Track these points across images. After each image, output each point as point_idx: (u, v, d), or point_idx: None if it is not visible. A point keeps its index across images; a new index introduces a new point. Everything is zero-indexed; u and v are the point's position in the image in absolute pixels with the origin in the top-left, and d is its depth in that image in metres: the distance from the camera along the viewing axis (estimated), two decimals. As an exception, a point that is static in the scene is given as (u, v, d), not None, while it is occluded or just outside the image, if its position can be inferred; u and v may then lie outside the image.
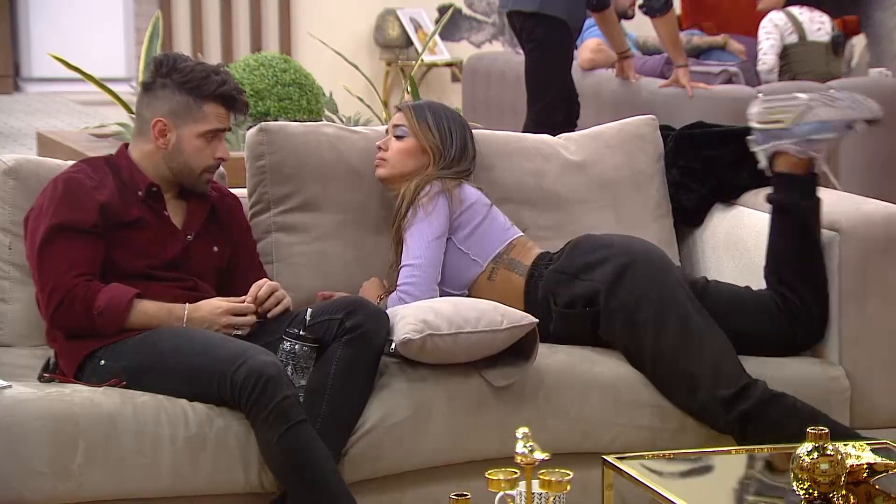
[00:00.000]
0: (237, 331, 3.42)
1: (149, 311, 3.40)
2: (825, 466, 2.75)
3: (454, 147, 3.86)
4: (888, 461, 2.88)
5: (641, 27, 7.78)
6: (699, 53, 7.70)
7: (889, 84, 7.44)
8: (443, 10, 10.42)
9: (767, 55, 7.36)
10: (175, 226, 3.56)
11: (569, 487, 2.77)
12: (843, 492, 2.79)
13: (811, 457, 2.75)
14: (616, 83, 7.12)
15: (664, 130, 4.26)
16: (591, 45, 7.43)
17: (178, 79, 3.51)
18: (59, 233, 3.40)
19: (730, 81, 7.17)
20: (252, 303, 3.46)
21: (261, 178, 3.88)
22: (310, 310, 3.40)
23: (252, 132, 3.91)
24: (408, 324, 3.38)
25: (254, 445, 3.23)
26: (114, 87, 5.87)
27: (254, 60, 5.76)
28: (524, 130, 6.08)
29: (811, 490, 2.76)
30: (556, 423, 3.51)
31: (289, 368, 3.31)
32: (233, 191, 3.78)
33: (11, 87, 12.89)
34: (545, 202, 4.06)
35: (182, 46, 9.96)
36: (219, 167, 3.62)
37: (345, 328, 3.34)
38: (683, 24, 8.38)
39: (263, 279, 3.54)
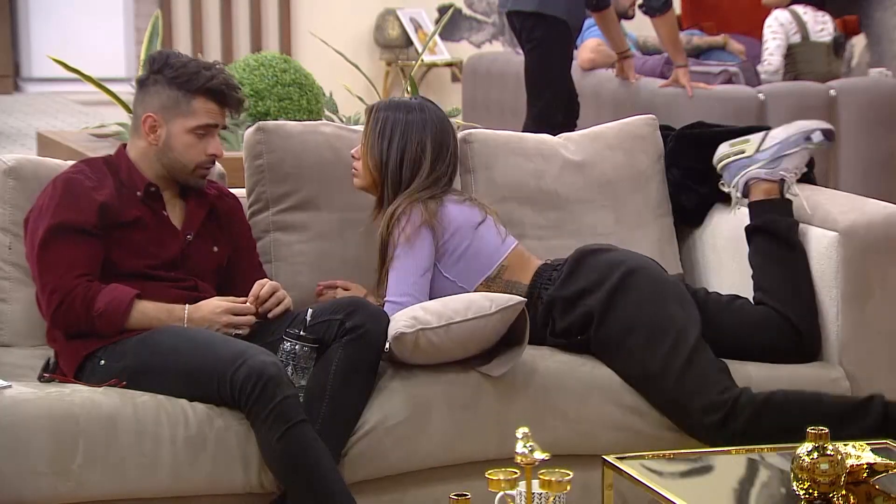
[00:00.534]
0: (237, 331, 3.42)
1: (149, 312, 3.40)
2: (825, 466, 2.75)
3: (400, 168, 3.67)
4: (888, 461, 2.88)
5: (641, 27, 7.78)
6: (699, 53, 7.71)
7: (889, 84, 7.44)
8: (443, 10, 10.42)
9: (773, 56, 7.35)
10: (174, 226, 3.56)
11: (569, 487, 2.77)
12: (843, 492, 2.79)
13: (811, 457, 2.76)
14: (616, 83, 7.12)
15: (664, 130, 4.26)
16: (591, 45, 7.43)
17: (169, 74, 3.51)
18: (59, 233, 3.40)
19: (730, 81, 7.17)
20: (253, 303, 3.46)
21: (259, 178, 3.88)
22: (310, 310, 3.40)
23: (250, 132, 3.91)
24: (398, 321, 3.38)
25: (254, 445, 3.23)
26: (114, 88, 5.86)
27: (254, 60, 5.76)
28: (524, 130, 6.08)
29: (811, 490, 2.76)
30: (556, 424, 3.51)
31: (289, 369, 3.31)
32: (232, 191, 3.78)
33: (11, 87, 12.88)
34: (545, 202, 4.06)
35: (182, 46, 9.95)
36: (213, 163, 3.60)
37: (345, 329, 3.34)
38: (683, 24, 8.38)
39: (264, 279, 3.54)
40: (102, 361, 3.37)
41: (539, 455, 2.68)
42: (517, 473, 2.77)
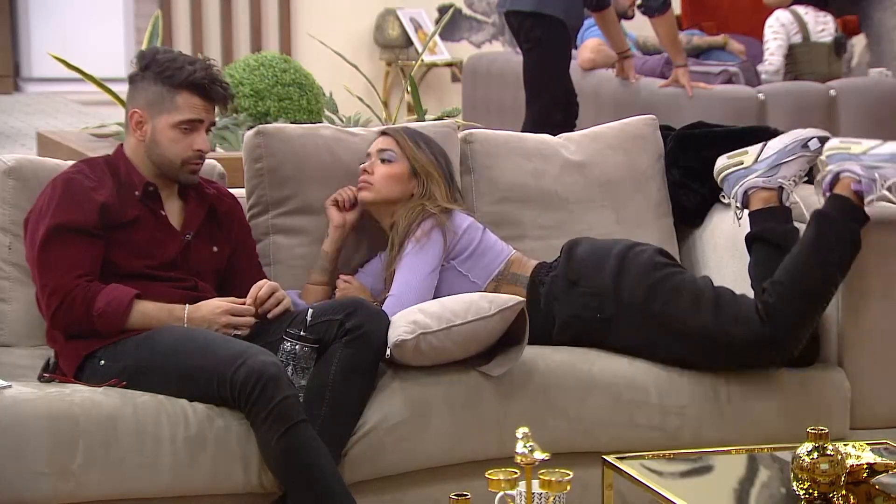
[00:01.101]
0: (237, 331, 3.42)
1: (149, 312, 3.40)
2: (825, 466, 2.75)
3: (445, 174, 3.84)
4: (888, 461, 2.88)
5: (641, 27, 7.78)
6: (699, 53, 7.71)
7: (889, 84, 7.45)
8: (443, 10, 10.42)
9: (774, 56, 7.35)
10: (173, 226, 3.55)
11: (569, 487, 2.77)
12: (843, 492, 2.79)
13: (811, 457, 2.76)
14: (616, 83, 7.13)
15: (664, 130, 4.26)
16: (592, 45, 7.44)
17: (155, 70, 3.51)
18: (59, 234, 3.40)
19: (730, 81, 7.17)
20: (252, 304, 3.46)
21: (259, 181, 3.88)
22: (310, 310, 3.40)
23: (249, 135, 3.91)
24: (398, 326, 3.38)
25: (254, 445, 3.23)
26: (114, 87, 5.86)
27: (254, 60, 5.76)
28: (523, 130, 6.08)
29: (811, 490, 2.76)
30: (556, 423, 3.51)
31: (289, 369, 3.31)
32: (232, 191, 3.78)
33: (11, 87, 12.89)
34: (545, 202, 4.06)
35: (182, 46, 9.94)
36: (202, 159, 3.57)
37: (345, 329, 3.34)
38: (683, 24, 8.38)
39: (263, 280, 3.54)
40: (102, 361, 3.36)
41: (539, 455, 2.68)
42: (517, 473, 2.77)
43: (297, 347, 3.34)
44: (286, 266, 3.85)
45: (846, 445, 2.90)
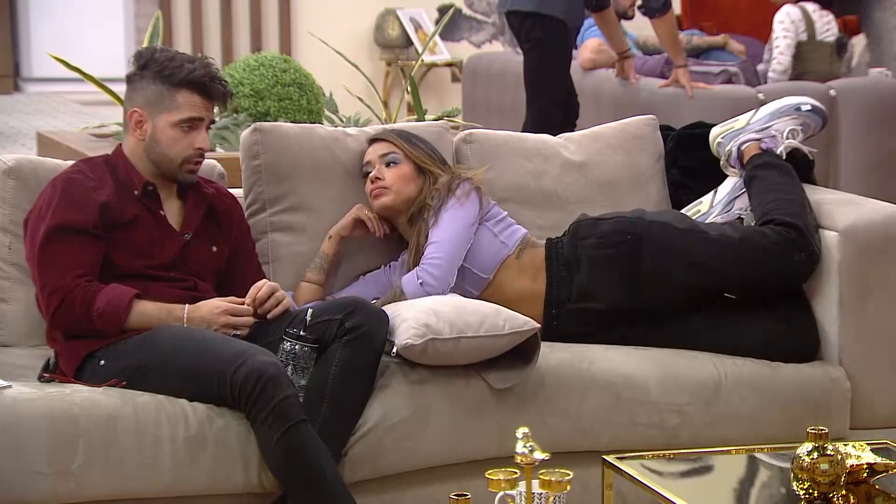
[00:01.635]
0: (236, 331, 3.42)
1: (148, 312, 3.40)
2: (825, 466, 2.75)
3: (444, 165, 3.90)
4: (888, 461, 2.88)
5: (641, 27, 7.78)
6: (699, 53, 7.70)
7: (889, 84, 7.44)
8: (443, 10, 10.43)
9: (784, 55, 7.33)
10: (172, 226, 3.55)
11: (569, 487, 2.77)
12: (843, 492, 2.79)
13: (811, 457, 2.76)
14: (616, 83, 7.12)
15: (664, 130, 4.27)
16: (592, 45, 7.43)
17: (154, 68, 3.51)
18: (59, 234, 3.40)
19: (730, 81, 7.17)
20: (251, 304, 3.46)
21: (256, 178, 3.88)
22: (310, 310, 3.40)
23: (246, 132, 3.91)
24: (409, 327, 3.38)
25: (254, 445, 3.23)
26: (114, 87, 5.85)
27: (254, 60, 5.75)
28: (523, 130, 6.08)
29: (811, 490, 2.76)
30: (556, 422, 3.51)
31: (289, 369, 3.31)
32: (231, 191, 3.78)
33: (11, 87, 12.89)
34: (545, 202, 4.06)
35: (182, 46, 9.94)
36: (202, 158, 3.58)
37: (345, 329, 3.34)
38: (683, 24, 8.39)
39: (263, 280, 3.54)
40: (102, 361, 3.36)
41: (539, 455, 2.68)
42: (517, 473, 2.77)
43: (297, 347, 3.33)
44: (285, 264, 3.85)
45: (846, 445, 2.89)
